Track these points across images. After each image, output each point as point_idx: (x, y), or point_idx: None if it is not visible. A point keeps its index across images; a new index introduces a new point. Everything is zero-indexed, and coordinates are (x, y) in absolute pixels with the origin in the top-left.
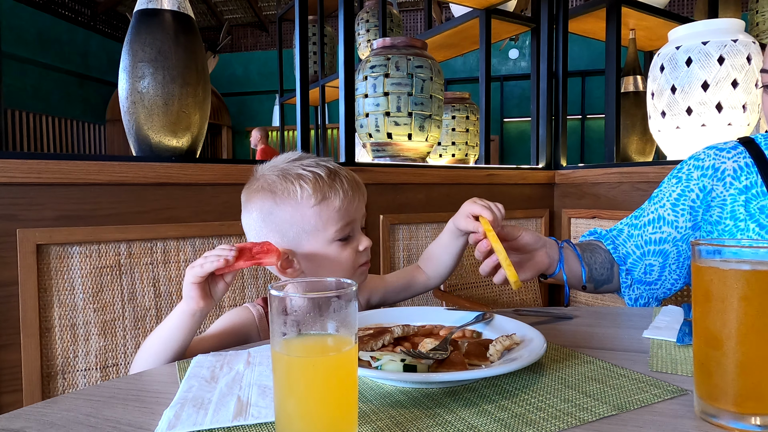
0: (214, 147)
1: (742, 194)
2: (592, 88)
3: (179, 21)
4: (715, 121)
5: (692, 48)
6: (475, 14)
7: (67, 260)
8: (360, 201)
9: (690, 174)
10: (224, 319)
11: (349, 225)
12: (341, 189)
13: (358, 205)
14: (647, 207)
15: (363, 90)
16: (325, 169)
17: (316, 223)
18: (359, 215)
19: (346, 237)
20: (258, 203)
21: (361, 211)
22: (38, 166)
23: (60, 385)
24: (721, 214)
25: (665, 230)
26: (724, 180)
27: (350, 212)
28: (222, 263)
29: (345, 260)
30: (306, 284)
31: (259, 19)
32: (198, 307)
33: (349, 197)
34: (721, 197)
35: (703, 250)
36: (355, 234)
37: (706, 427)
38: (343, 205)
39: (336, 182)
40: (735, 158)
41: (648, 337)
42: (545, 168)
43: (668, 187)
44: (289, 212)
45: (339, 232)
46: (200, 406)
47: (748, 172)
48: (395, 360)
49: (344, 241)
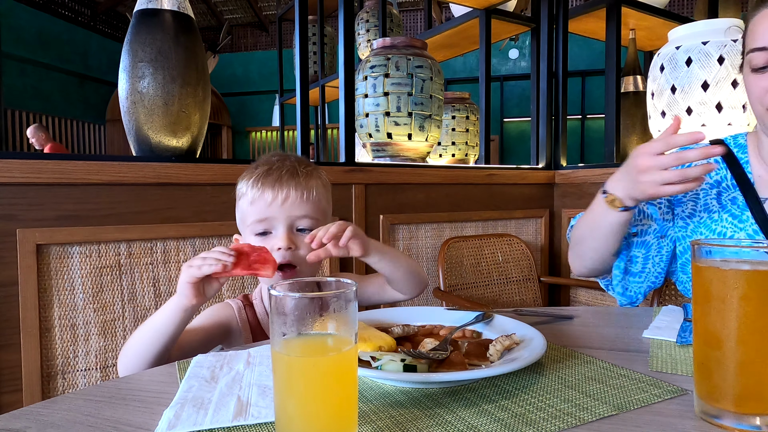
0: (214, 147)
1: (714, 188)
2: (592, 88)
3: (179, 21)
4: (715, 121)
5: (692, 48)
6: (475, 14)
7: (67, 260)
8: (278, 200)
9: None
10: (207, 312)
11: (262, 222)
12: (259, 185)
13: (277, 202)
14: None
15: (363, 90)
16: (264, 164)
17: (241, 214)
18: (282, 214)
19: (262, 232)
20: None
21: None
22: (38, 166)
23: (60, 385)
24: (695, 208)
25: (645, 222)
26: None
27: (262, 209)
28: (219, 269)
29: None
30: (306, 284)
31: (259, 19)
32: (190, 304)
33: (262, 193)
34: (694, 192)
35: (703, 250)
36: (275, 233)
37: (706, 427)
38: (254, 200)
39: (261, 178)
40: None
41: (648, 337)
42: (545, 168)
43: None
44: (237, 202)
45: (253, 226)
46: (200, 406)
47: (718, 169)
48: (395, 360)
49: (262, 236)
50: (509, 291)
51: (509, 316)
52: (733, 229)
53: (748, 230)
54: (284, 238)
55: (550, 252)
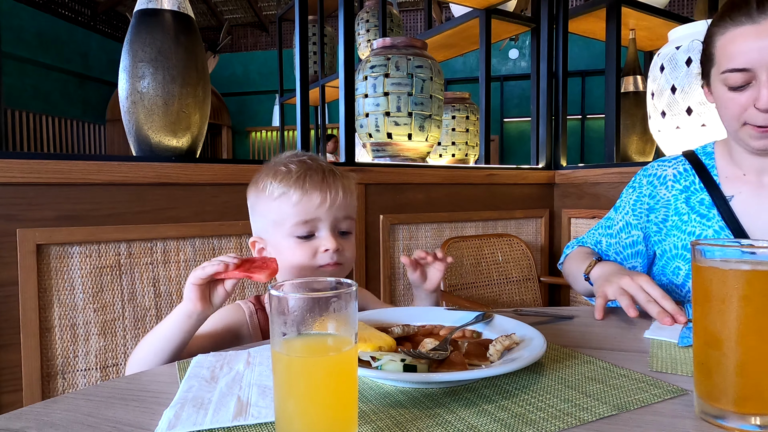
0: (214, 147)
1: (683, 193)
2: (592, 88)
3: (179, 21)
4: (715, 121)
5: (692, 48)
6: (475, 14)
7: (67, 260)
8: (326, 201)
9: (641, 182)
10: (216, 316)
11: (308, 223)
12: (302, 186)
13: (323, 204)
14: (615, 216)
15: (363, 90)
16: (299, 165)
17: (276, 216)
18: (327, 215)
19: (306, 234)
20: (249, 195)
21: (331, 212)
22: (38, 166)
23: (60, 385)
24: (667, 213)
25: (634, 233)
26: (665, 184)
27: (309, 210)
28: (221, 267)
29: (300, 258)
30: (306, 284)
31: (259, 19)
32: (195, 308)
33: (309, 195)
34: (665, 198)
35: (703, 251)
36: (319, 234)
37: (706, 427)
38: (300, 201)
39: (301, 179)
40: (674, 165)
41: (650, 338)
42: (545, 168)
43: (626, 196)
44: (262, 204)
45: (295, 228)
46: (200, 406)
47: (686, 175)
48: (395, 360)
49: (304, 239)
50: (509, 291)
51: (509, 316)
52: (701, 227)
53: (714, 227)
54: (333, 240)
55: (550, 252)
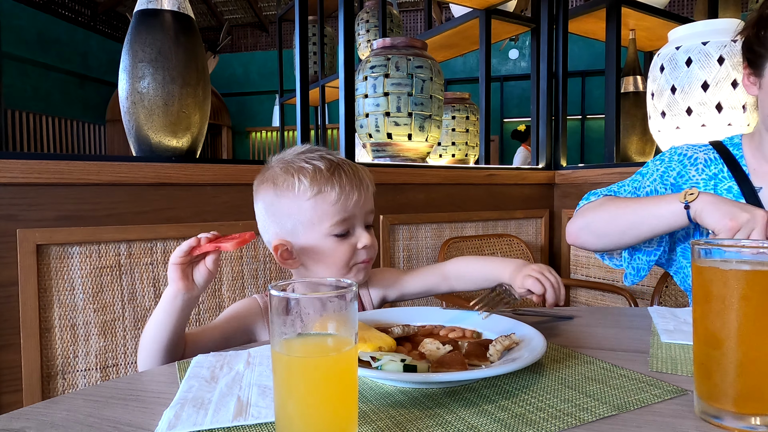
0: (214, 147)
1: (711, 180)
2: (592, 88)
3: (179, 21)
4: (715, 121)
5: (692, 48)
6: (475, 14)
7: (67, 260)
8: (361, 197)
9: (671, 158)
10: (229, 309)
11: (346, 221)
12: (339, 183)
13: (359, 201)
14: (642, 181)
15: (363, 90)
16: (327, 162)
17: (311, 216)
18: (360, 211)
19: (344, 233)
20: (262, 194)
21: (363, 207)
22: (38, 166)
23: (60, 385)
24: None
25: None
26: (696, 166)
27: (347, 208)
28: (194, 242)
29: (340, 256)
30: (306, 284)
31: (259, 20)
32: (177, 288)
33: (347, 192)
34: (694, 180)
35: (703, 251)
36: (354, 230)
37: (706, 427)
38: (339, 200)
39: (335, 176)
40: (705, 152)
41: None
42: (545, 168)
43: (653, 167)
44: (287, 204)
45: (335, 227)
46: (200, 406)
47: (716, 163)
48: (395, 360)
49: (341, 237)
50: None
51: (509, 316)
52: None
53: None
54: (368, 236)
55: (550, 252)
